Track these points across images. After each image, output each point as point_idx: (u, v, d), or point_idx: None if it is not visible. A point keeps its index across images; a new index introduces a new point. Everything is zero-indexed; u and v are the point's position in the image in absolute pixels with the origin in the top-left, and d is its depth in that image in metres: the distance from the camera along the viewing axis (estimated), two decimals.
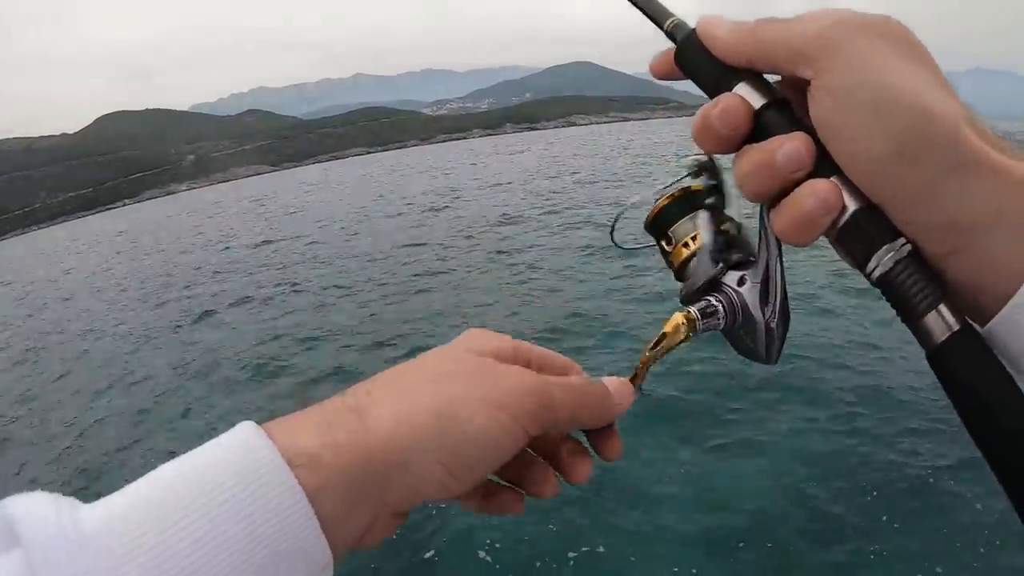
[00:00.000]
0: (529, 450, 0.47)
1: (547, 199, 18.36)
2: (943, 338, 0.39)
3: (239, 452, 0.34)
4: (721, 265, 0.51)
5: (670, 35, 0.48)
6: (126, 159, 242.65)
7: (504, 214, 16.60)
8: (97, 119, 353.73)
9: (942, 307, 0.39)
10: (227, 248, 20.43)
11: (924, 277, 0.40)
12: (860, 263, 0.42)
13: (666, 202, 0.54)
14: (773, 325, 0.50)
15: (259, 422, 0.37)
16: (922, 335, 0.40)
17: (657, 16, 0.49)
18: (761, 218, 0.47)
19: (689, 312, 0.50)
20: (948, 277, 0.40)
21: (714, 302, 0.51)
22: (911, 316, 0.41)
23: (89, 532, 0.30)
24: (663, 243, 0.55)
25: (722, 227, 0.52)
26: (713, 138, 0.45)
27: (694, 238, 0.53)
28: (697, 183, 0.53)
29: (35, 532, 0.30)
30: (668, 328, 0.50)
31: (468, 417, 0.39)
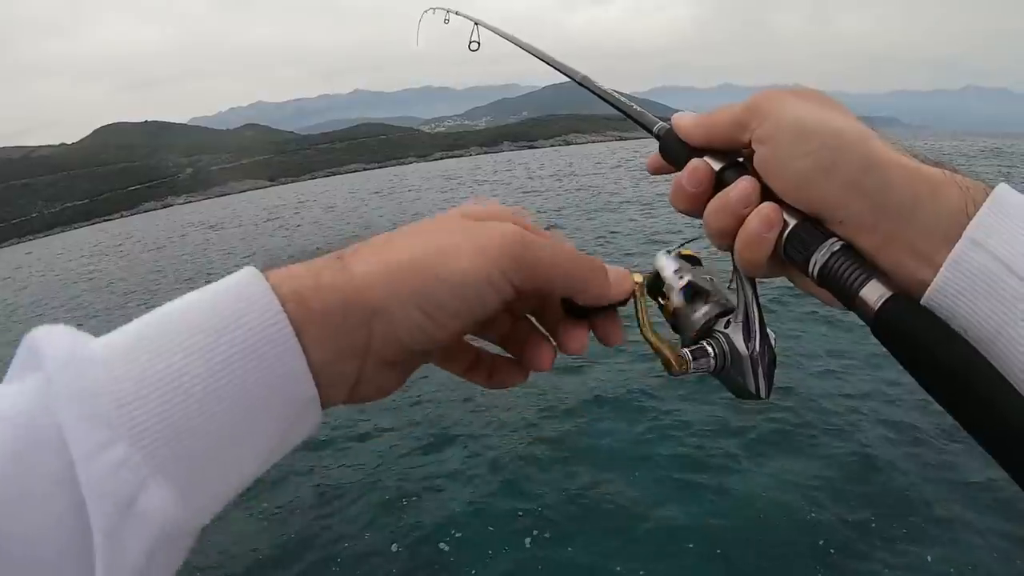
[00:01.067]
0: (530, 318, 0.52)
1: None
2: (878, 305, 0.43)
3: (235, 287, 0.38)
4: (709, 311, 0.58)
5: (657, 136, 0.60)
6: (124, 171, 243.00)
7: None
8: (96, 130, 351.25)
9: (874, 281, 0.44)
10: None
11: (856, 262, 0.46)
12: (804, 270, 0.49)
13: (665, 263, 0.62)
14: (757, 356, 0.54)
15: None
16: (861, 311, 0.45)
17: (648, 125, 0.62)
18: (733, 264, 0.54)
19: (683, 352, 0.55)
20: (887, 266, 0.45)
21: (705, 345, 0.56)
22: (850, 297, 0.46)
23: (97, 351, 0.34)
24: (660, 299, 0.61)
25: (702, 280, 0.60)
26: (684, 197, 0.55)
27: (691, 282, 0.59)
28: (686, 249, 0.62)
29: (54, 351, 0.34)
30: (662, 350, 0.55)
31: (445, 261, 0.41)
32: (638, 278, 0.53)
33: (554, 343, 0.51)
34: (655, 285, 0.62)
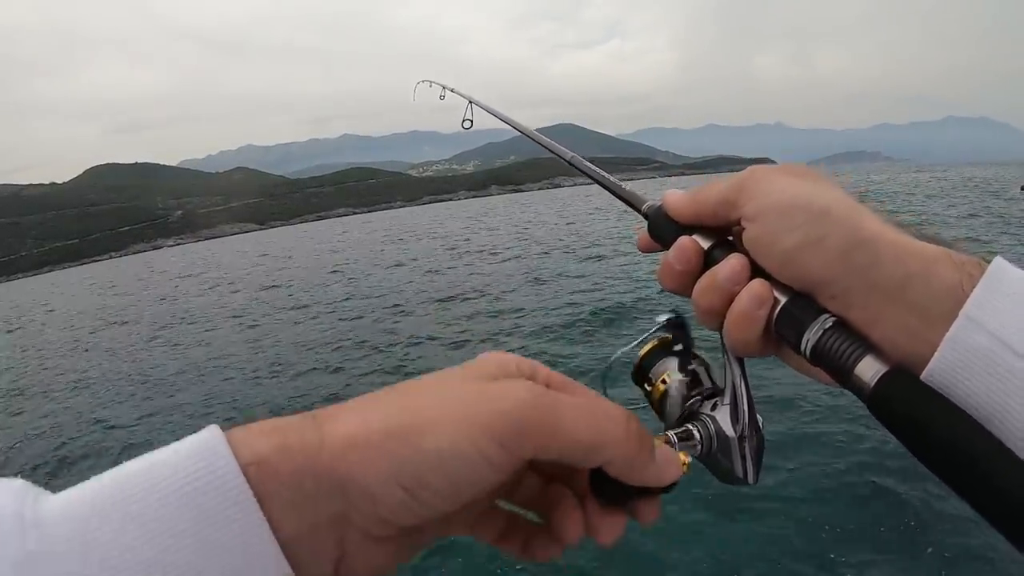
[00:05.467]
0: (562, 486, 0.45)
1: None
2: (874, 381, 0.42)
3: (195, 451, 0.34)
4: (696, 395, 0.56)
5: (645, 216, 0.59)
6: (114, 212, 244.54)
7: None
8: (87, 170, 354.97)
9: (869, 357, 0.43)
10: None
11: (850, 338, 0.44)
12: (797, 346, 0.47)
13: (645, 352, 0.61)
14: (745, 439, 0.53)
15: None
16: (857, 387, 0.43)
17: (636, 204, 0.61)
18: (722, 344, 0.53)
19: (668, 435, 0.52)
20: (880, 341, 0.44)
21: (691, 428, 0.53)
22: (845, 374, 0.44)
23: (44, 518, 0.31)
24: (645, 386, 0.60)
25: (691, 364, 0.58)
26: (672, 275, 0.53)
27: (670, 375, 0.58)
28: (667, 334, 0.61)
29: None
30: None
31: (430, 436, 0.35)
32: (686, 459, 0.48)
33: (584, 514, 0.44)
34: (640, 371, 0.61)
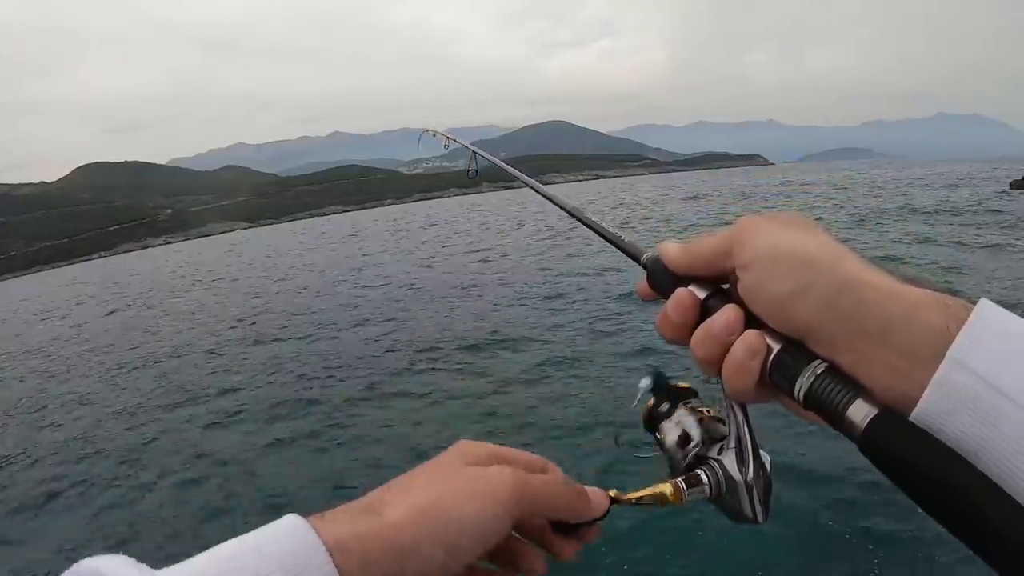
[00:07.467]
0: (517, 536, 0.55)
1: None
2: (865, 423, 0.43)
3: (289, 535, 0.42)
4: (701, 440, 0.59)
5: (644, 266, 0.62)
6: (104, 211, 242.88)
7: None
8: (76, 169, 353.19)
9: (859, 400, 0.44)
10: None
11: (840, 383, 0.46)
12: (791, 393, 0.49)
13: (652, 402, 0.64)
14: (752, 482, 0.55)
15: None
16: (848, 429, 0.45)
17: (636, 255, 0.64)
18: (723, 391, 0.55)
19: (676, 482, 0.57)
20: (867, 382, 0.45)
21: (699, 473, 0.57)
22: (837, 418, 0.45)
23: None
24: (656, 434, 0.63)
25: (698, 410, 0.61)
26: (670, 326, 0.56)
27: (677, 423, 0.61)
28: (682, 383, 0.65)
29: None
30: (654, 491, 0.57)
31: (460, 507, 0.47)
32: (613, 493, 0.57)
33: (541, 551, 0.56)
34: (649, 419, 0.64)
